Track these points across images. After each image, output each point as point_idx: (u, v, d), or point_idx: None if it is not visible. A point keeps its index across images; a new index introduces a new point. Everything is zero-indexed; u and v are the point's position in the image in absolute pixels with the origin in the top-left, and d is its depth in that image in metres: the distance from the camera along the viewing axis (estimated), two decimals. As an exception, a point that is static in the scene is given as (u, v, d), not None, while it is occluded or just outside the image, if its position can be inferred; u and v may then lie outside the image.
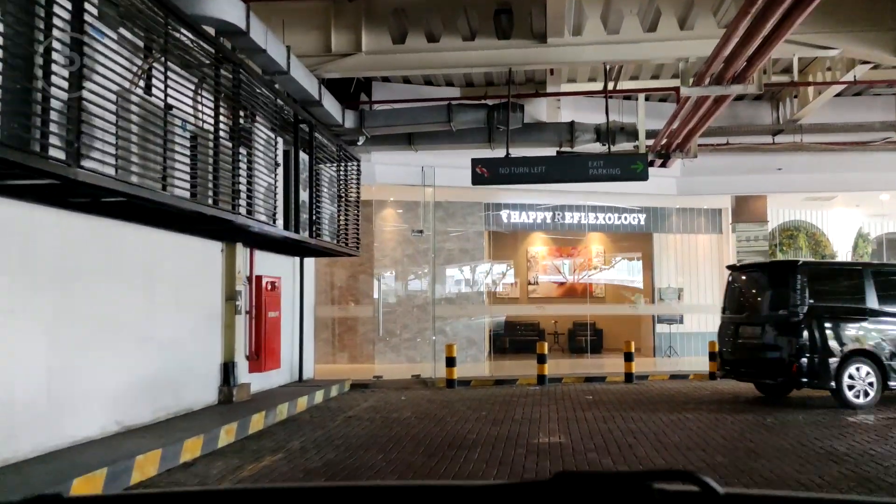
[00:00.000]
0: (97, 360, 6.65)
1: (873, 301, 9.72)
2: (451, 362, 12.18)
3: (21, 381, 5.72)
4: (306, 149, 10.13)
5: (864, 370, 9.43)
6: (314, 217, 10.12)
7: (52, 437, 5.98)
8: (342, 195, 11.66)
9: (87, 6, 5.09)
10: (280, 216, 8.97)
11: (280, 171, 8.99)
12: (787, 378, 9.66)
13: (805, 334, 9.46)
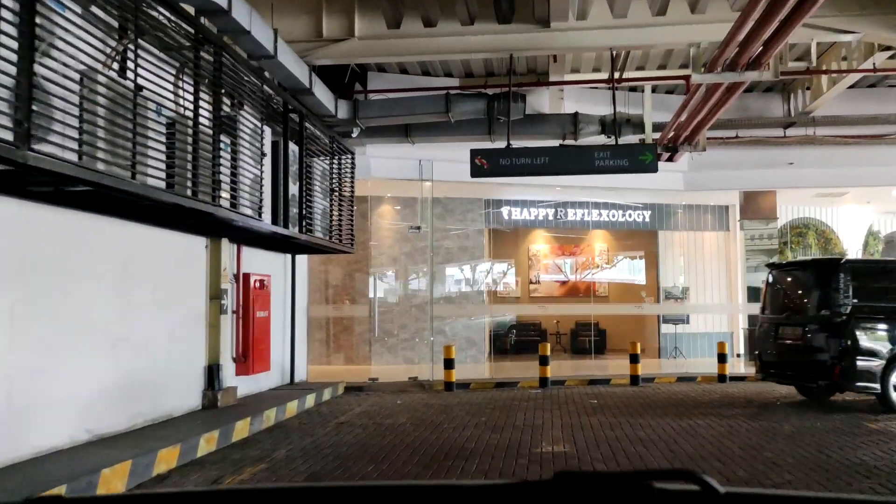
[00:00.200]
0: (65, 363, 6.14)
1: None
2: (449, 364, 11.65)
3: (-25, 387, 5.23)
4: (296, 140, 9.63)
5: None
6: (304, 212, 9.63)
7: (11, 448, 5.48)
8: (335, 189, 11.16)
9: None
10: (267, 210, 8.48)
11: (268, 162, 8.50)
12: (830, 381, 9.13)
13: (848, 335, 8.96)
